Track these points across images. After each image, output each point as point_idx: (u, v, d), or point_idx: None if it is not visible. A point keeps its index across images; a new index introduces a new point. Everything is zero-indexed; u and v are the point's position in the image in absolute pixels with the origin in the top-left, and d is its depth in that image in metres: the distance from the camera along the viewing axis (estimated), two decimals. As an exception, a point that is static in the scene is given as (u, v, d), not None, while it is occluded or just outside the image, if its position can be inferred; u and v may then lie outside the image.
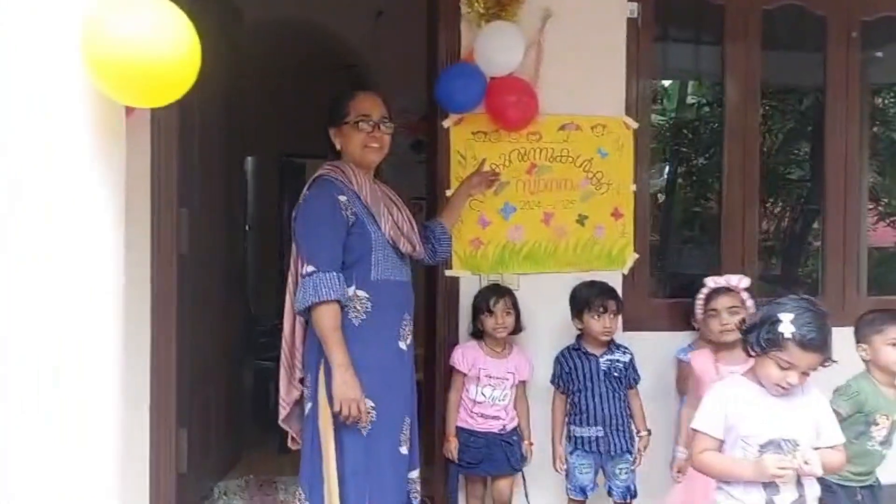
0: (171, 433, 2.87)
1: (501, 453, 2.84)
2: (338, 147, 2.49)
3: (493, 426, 2.85)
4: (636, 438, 2.89)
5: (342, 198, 2.38)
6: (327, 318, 2.29)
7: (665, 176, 8.29)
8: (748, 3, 3.53)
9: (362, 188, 2.43)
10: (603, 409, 2.84)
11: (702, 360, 2.81)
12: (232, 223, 3.84)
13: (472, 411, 2.87)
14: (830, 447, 2.00)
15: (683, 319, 3.29)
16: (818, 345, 1.91)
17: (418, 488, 2.60)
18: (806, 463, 1.88)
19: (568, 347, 2.95)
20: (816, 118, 3.93)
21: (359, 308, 2.37)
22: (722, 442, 2.00)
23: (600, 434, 2.84)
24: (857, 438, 2.47)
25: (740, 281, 2.96)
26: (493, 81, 3.06)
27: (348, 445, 2.33)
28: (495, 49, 2.98)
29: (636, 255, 3.36)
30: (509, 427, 2.88)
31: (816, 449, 1.95)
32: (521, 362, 2.92)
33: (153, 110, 2.81)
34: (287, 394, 2.51)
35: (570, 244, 3.29)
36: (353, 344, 2.32)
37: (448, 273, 3.15)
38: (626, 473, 2.87)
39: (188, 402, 3.06)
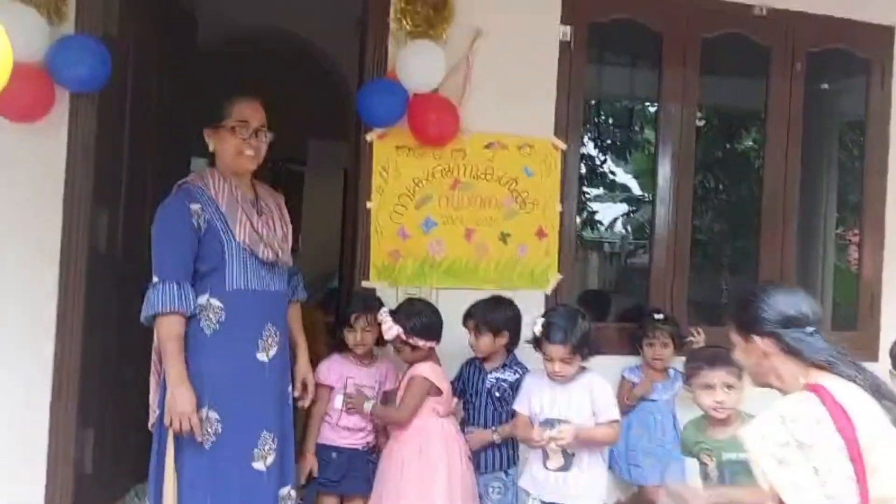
0: (71, 433, 2.87)
1: (362, 471, 2.79)
2: (211, 149, 2.46)
3: (357, 441, 2.81)
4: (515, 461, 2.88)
5: (194, 206, 2.34)
6: (164, 330, 2.28)
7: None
8: (687, 30, 3.55)
9: (219, 194, 2.39)
10: (480, 423, 2.86)
11: None
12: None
13: (336, 424, 2.80)
14: (606, 422, 2.57)
15: (607, 343, 3.29)
16: (557, 338, 2.53)
17: None
18: (559, 434, 2.47)
19: (470, 358, 2.96)
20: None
21: (212, 317, 2.34)
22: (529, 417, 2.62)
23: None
24: (704, 480, 2.40)
25: None
26: (416, 98, 3.08)
27: (188, 458, 2.30)
28: (415, 67, 3.01)
29: (560, 276, 3.36)
30: (374, 444, 2.85)
31: (599, 424, 2.57)
32: (389, 371, 2.89)
33: (70, 112, 2.88)
34: (154, 401, 2.46)
35: (491, 261, 3.29)
36: (202, 354, 2.31)
37: (364, 284, 3.16)
38: (498, 494, 2.84)
39: (99, 404, 3.07)
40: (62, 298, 2.86)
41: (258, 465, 2.38)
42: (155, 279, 2.32)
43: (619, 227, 10.81)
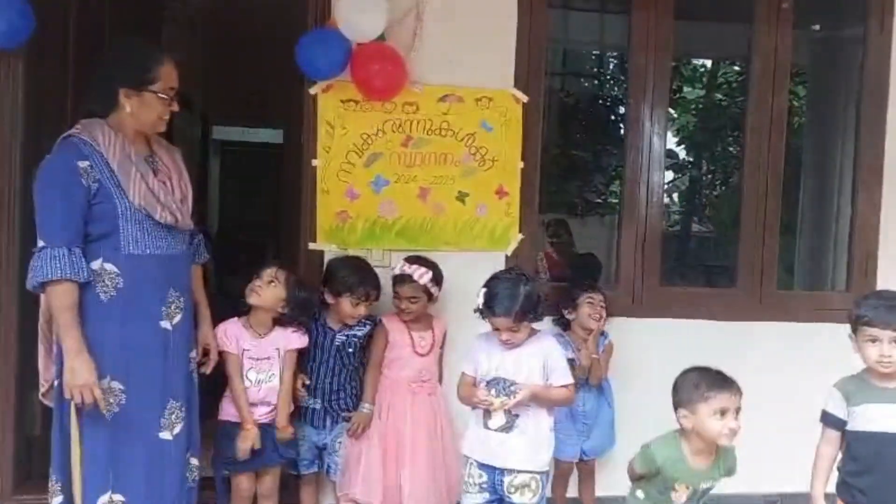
0: (11, 396, 2.83)
1: (272, 444, 2.67)
2: (127, 109, 2.25)
3: (264, 416, 2.66)
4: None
5: (83, 164, 2.16)
6: (56, 298, 2.13)
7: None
8: (658, -32, 3.30)
9: (110, 150, 2.20)
10: (326, 383, 2.81)
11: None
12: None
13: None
14: (559, 386, 2.49)
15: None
16: (499, 309, 2.42)
17: (196, 475, 2.45)
18: (507, 397, 2.42)
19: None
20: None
21: (108, 283, 2.20)
22: (475, 378, 2.56)
23: (317, 407, 2.81)
24: (661, 494, 2.24)
25: (421, 276, 2.84)
26: (359, 48, 2.92)
27: (89, 429, 2.20)
28: (353, 13, 2.84)
29: (521, 237, 3.20)
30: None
31: (552, 386, 2.48)
32: (285, 335, 2.71)
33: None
34: (45, 370, 2.33)
35: (448, 222, 3.15)
36: (101, 322, 2.19)
37: (311, 246, 3.05)
38: (343, 447, 2.83)
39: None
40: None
41: (165, 435, 2.30)
42: (41, 243, 2.16)
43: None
